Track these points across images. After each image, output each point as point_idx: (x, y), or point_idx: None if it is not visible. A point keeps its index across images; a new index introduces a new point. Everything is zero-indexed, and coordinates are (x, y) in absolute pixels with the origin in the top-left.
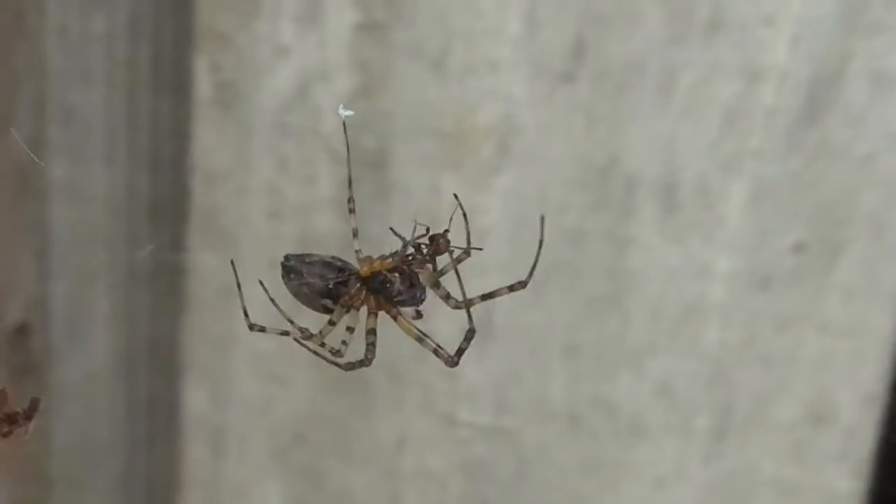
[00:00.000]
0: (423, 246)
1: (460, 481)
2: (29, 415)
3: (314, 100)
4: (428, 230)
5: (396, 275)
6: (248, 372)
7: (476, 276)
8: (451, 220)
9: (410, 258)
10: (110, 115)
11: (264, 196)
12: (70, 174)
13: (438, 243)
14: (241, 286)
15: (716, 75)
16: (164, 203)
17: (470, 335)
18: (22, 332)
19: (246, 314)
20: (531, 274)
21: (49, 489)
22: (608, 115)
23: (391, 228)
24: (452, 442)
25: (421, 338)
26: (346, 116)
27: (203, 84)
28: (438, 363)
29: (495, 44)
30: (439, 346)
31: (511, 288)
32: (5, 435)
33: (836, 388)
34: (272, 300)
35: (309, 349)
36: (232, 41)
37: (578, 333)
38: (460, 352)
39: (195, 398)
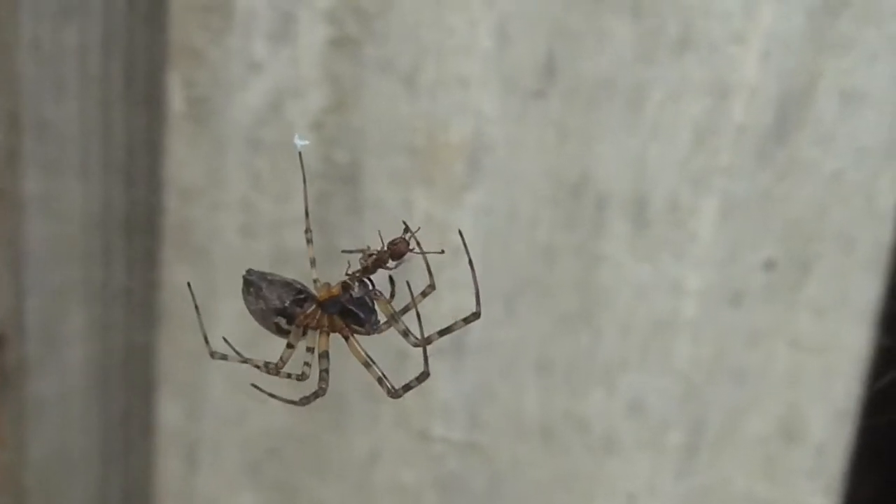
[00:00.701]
0: (384, 251)
1: (434, 496)
2: None
3: (287, 115)
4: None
5: (353, 291)
6: (223, 385)
7: (448, 291)
8: (415, 230)
9: (370, 259)
10: (84, 128)
11: (237, 211)
12: (44, 188)
13: (398, 245)
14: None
15: (685, 92)
16: (139, 217)
17: (422, 378)
18: None
19: (206, 341)
20: (478, 301)
21: (24, 501)
22: (579, 131)
23: (343, 251)
24: (426, 457)
25: (368, 363)
26: (302, 146)
27: (176, 99)
28: (411, 378)
29: (466, 60)
30: (384, 376)
31: (466, 320)
32: None
33: (808, 404)
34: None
35: (264, 392)
36: (205, 57)
37: (550, 349)
38: (406, 388)
39: (169, 411)
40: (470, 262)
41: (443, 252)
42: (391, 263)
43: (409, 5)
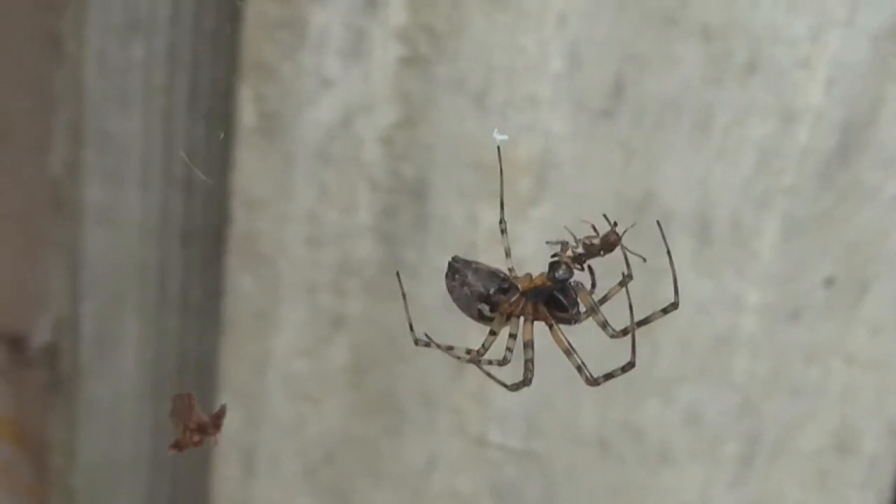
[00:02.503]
0: (592, 242)
1: (490, 503)
2: (217, 423)
3: (356, 130)
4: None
5: (558, 280)
6: (281, 392)
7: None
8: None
9: (582, 248)
10: (146, 140)
11: (304, 223)
12: (104, 197)
13: (610, 236)
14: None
15: (751, 115)
16: (201, 228)
17: (627, 368)
18: (52, 350)
19: (411, 328)
20: (676, 292)
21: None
22: (645, 151)
23: (547, 242)
24: (482, 464)
25: (570, 351)
26: (501, 140)
27: (247, 112)
28: (471, 386)
29: (536, 80)
30: (584, 364)
31: (665, 310)
32: (196, 444)
33: (861, 419)
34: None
35: (481, 369)
36: (276, 72)
37: (609, 362)
38: (608, 377)
39: (228, 418)
40: (668, 252)
41: (644, 260)
42: (601, 254)
43: (481, 26)
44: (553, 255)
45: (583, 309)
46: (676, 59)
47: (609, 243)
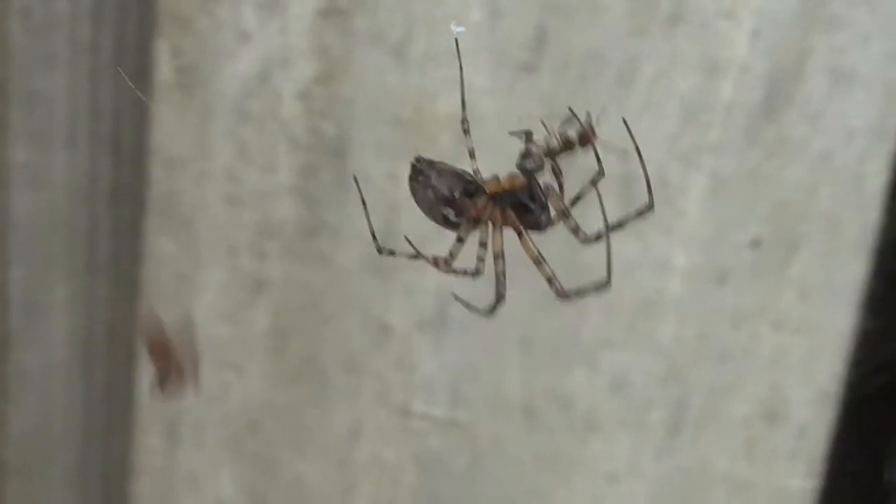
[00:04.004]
0: (569, 138)
1: (414, 473)
2: (195, 363)
3: (274, 85)
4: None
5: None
6: (204, 359)
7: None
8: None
9: (552, 146)
10: (73, 99)
11: (223, 182)
12: (31, 159)
13: (585, 131)
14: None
15: (676, 68)
16: (126, 189)
17: (601, 287)
18: None
19: (374, 237)
20: (650, 192)
21: (5, 477)
22: (568, 105)
23: (510, 132)
24: (407, 434)
25: (539, 261)
26: (458, 32)
27: (164, 68)
28: (395, 353)
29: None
30: (555, 276)
31: (640, 213)
32: (177, 387)
33: (791, 386)
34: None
35: (458, 299)
36: (193, 25)
37: (534, 326)
38: (580, 293)
39: (148, 385)
40: (638, 150)
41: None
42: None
43: None
44: (523, 151)
45: (553, 213)
46: (599, 8)
47: (585, 137)
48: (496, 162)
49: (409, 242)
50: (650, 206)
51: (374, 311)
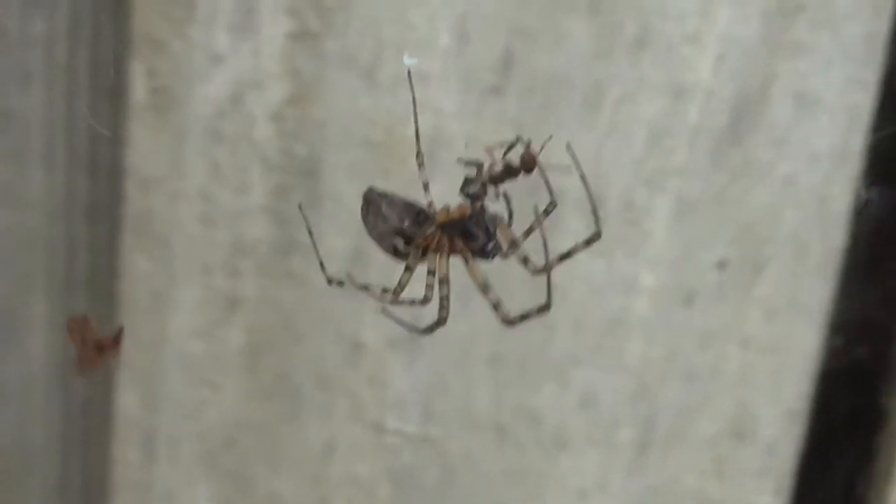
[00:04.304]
0: (511, 164)
1: (387, 489)
2: (115, 343)
3: (247, 107)
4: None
5: (475, 211)
6: (179, 375)
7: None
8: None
9: (495, 170)
10: (49, 118)
11: (197, 202)
12: (7, 177)
13: (527, 157)
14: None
15: (641, 92)
16: (102, 207)
17: (543, 310)
18: None
19: (322, 267)
20: (597, 219)
21: None
22: (535, 128)
23: (459, 159)
24: (380, 449)
25: (485, 287)
26: (410, 64)
27: (139, 89)
28: (367, 370)
29: (426, 56)
30: (500, 302)
31: (588, 242)
32: (96, 365)
33: (758, 404)
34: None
35: (389, 315)
36: (167, 47)
37: (503, 344)
38: (524, 318)
39: (127, 401)
40: (583, 177)
41: (556, 206)
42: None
43: (369, 0)
44: (462, 190)
45: (503, 243)
46: (565, 33)
47: (527, 163)
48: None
49: (344, 279)
50: (597, 234)
51: (347, 328)
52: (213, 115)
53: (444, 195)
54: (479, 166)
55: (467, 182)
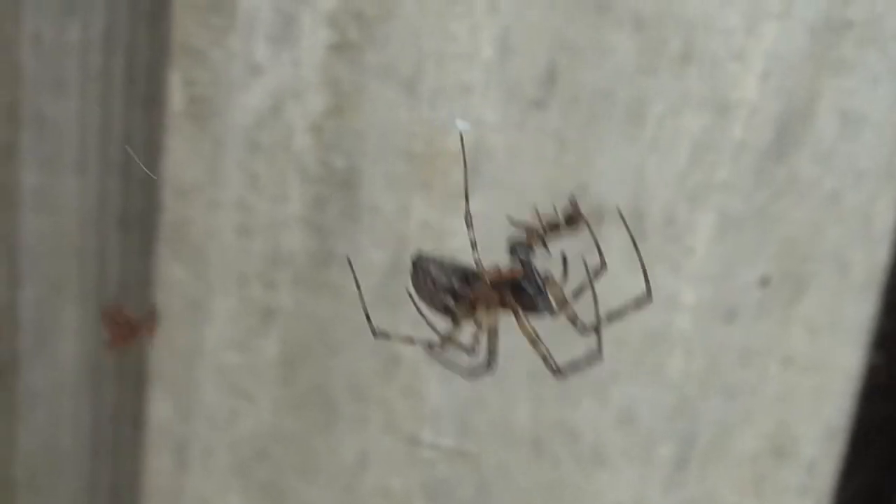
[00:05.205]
0: (554, 221)
1: (421, 502)
2: (150, 322)
3: (286, 118)
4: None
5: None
6: (213, 385)
7: None
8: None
9: (542, 231)
10: (83, 125)
11: (234, 211)
12: (41, 183)
13: (573, 212)
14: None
15: (685, 107)
16: (135, 215)
17: (593, 360)
18: None
19: (368, 318)
20: (648, 283)
21: (13, 495)
22: (577, 142)
23: (510, 219)
24: (414, 462)
25: (535, 341)
26: (463, 129)
27: (176, 98)
28: (403, 382)
29: (467, 68)
30: (550, 354)
31: (637, 302)
32: (129, 342)
33: (799, 422)
34: (416, 306)
35: (436, 357)
36: (206, 57)
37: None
38: (574, 368)
39: (160, 409)
40: (633, 240)
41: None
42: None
43: (411, 12)
44: (511, 240)
45: (553, 302)
46: (609, 47)
47: (572, 219)
48: (506, 198)
49: (389, 333)
50: (648, 297)
51: (383, 341)
52: (252, 125)
53: (485, 210)
54: (529, 230)
55: (517, 246)
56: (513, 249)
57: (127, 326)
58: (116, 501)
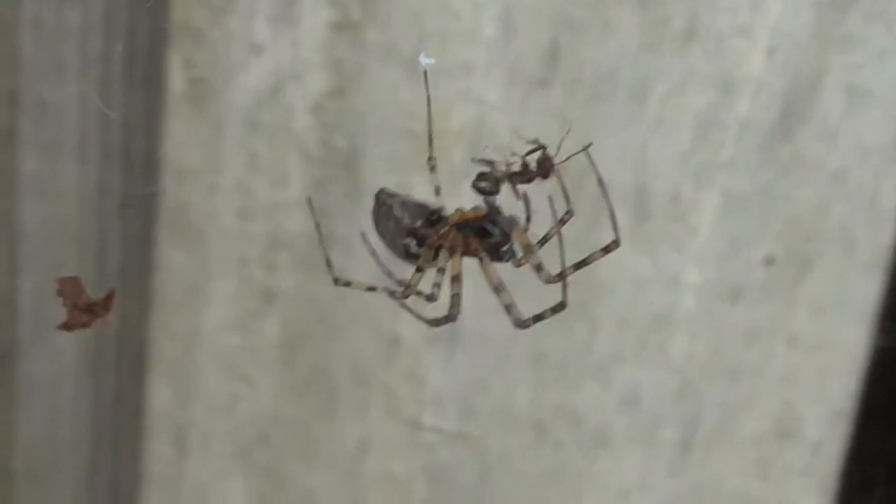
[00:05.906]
0: (528, 165)
1: (423, 486)
2: (106, 304)
3: (286, 98)
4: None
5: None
6: (214, 370)
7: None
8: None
9: (514, 173)
10: (83, 110)
11: (234, 194)
12: (41, 169)
13: (546, 162)
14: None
15: (689, 85)
16: (136, 200)
17: (558, 309)
18: None
19: (329, 265)
20: (616, 228)
21: (13, 483)
22: (581, 121)
23: (473, 159)
24: (416, 447)
25: (499, 289)
26: (427, 64)
27: (176, 80)
28: (405, 366)
29: (470, 47)
30: (514, 304)
31: (605, 249)
32: (85, 324)
33: (804, 403)
34: (374, 253)
35: (405, 307)
36: (206, 38)
37: (545, 341)
38: (538, 318)
39: (160, 395)
40: (600, 181)
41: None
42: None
43: None
44: (480, 173)
45: (518, 249)
46: (612, 25)
47: (544, 167)
48: None
49: (350, 280)
50: (617, 243)
51: (384, 324)
52: (252, 106)
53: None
54: (493, 164)
55: (479, 177)
56: (478, 188)
57: (84, 309)
58: (116, 489)
